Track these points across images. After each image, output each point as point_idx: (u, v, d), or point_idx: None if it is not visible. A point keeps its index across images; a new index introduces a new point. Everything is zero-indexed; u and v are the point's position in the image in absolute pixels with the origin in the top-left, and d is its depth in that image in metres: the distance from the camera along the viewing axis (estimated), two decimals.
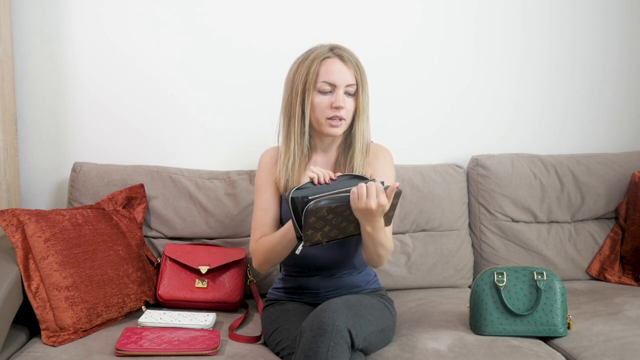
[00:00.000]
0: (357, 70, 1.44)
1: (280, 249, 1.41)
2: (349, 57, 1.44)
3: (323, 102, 1.42)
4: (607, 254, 2.01)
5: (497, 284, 1.48)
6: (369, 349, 1.31)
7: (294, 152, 1.46)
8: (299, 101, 1.44)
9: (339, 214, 1.25)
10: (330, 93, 1.43)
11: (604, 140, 2.24)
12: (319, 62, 1.43)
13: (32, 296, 1.44)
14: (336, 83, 1.41)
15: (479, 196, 2.01)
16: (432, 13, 2.09)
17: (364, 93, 1.45)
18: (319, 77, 1.42)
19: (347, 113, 1.44)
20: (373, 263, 1.41)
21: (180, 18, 1.96)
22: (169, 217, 1.84)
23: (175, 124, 2.00)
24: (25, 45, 1.90)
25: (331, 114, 1.42)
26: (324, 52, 1.44)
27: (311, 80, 1.42)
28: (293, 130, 1.46)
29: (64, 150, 1.95)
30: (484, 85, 2.15)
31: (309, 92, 1.43)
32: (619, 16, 2.20)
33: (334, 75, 1.41)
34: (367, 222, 1.27)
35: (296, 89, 1.44)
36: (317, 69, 1.42)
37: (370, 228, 1.28)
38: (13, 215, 1.50)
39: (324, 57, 1.43)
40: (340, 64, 1.43)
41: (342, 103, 1.41)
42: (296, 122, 1.45)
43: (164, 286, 1.69)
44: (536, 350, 1.39)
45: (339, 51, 1.45)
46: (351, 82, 1.43)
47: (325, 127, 1.44)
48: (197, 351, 1.35)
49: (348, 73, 1.42)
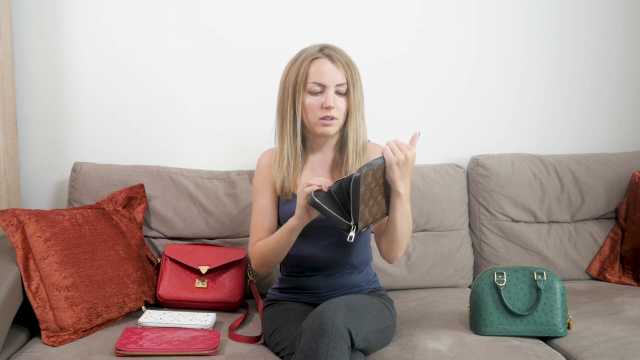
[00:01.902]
0: (347, 69, 1.43)
1: (275, 253, 1.42)
2: (338, 56, 1.44)
3: (314, 103, 1.42)
4: (607, 254, 2.01)
5: (497, 284, 1.48)
6: (369, 349, 1.31)
7: (288, 153, 1.47)
8: (290, 103, 1.44)
9: (377, 181, 1.27)
10: (321, 94, 1.42)
11: (604, 140, 2.24)
12: (307, 63, 1.43)
13: (32, 296, 1.44)
14: (325, 83, 1.41)
15: (479, 196, 2.01)
16: (432, 13, 2.09)
17: (356, 91, 1.45)
18: (309, 78, 1.42)
19: (339, 112, 1.44)
20: (396, 248, 1.40)
21: (180, 18, 1.96)
22: (169, 217, 1.84)
23: (175, 124, 2.00)
24: (25, 45, 1.90)
25: (322, 114, 1.42)
26: (313, 52, 1.44)
27: (301, 82, 1.42)
28: (286, 131, 1.47)
29: (64, 150, 1.95)
30: (484, 86, 2.15)
31: (299, 94, 1.43)
32: (619, 16, 2.19)
33: (323, 76, 1.41)
34: (401, 179, 1.28)
35: (287, 91, 1.45)
36: (306, 70, 1.42)
37: (403, 188, 1.30)
38: (13, 215, 1.50)
39: (313, 58, 1.43)
40: (330, 64, 1.42)
41: (332, 103, 1.41)
42: (288, 123, 1.46)
43: (164, 286, 1.69)
44: (536, 350, 1.39)
45: (328, 51, 1.44)
46: (341, 82, 1.42)
47: (317, 127, 1.44)
48: (197, 351, 1.35)
49: (337, 73, 1.42)
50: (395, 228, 1.36)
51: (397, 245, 1.40)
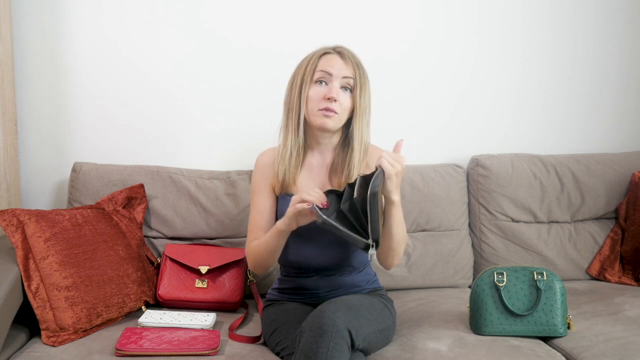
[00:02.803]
0: (357, 69, 1.45)
1: (267, 254, 1.44)
2: (350, 55, 1.46)
3: (318, 93, 1.43)
4: (607, 254, 2.01)
5: (497, 284, 1.48)
6: (369, 349, 1.31)
7: (291, 145, 1.48)
8: (296, 93, 1.46)
9: (378, 195, 1.27)
10: (326, 85, 1.44)
11: (604, 140, 2.24)
12: (318, 56, 1.46)
13: (32, 296, 1.44)
14: (332, 72, 1.43)
15: (479, 196, 2.01)
16: (432, 13, 2.09)
17: (364, 93, 1.45)
18: (317, 68, 1.45)
19: (341, 108, 1.43)
20: (392, 255, 1.41)
21: (180, 18, 1.96)
22: (169, 217, 1.84)
23: (175, 124, 2.00)
24: (25, 45, 1.90)
25: (323, 105, 1.42)
26: (325, 48, 1.48)
27: (309, 72, 1.45)
28: (290, 123, 1.48)
29: (64, 150, 1.95)
30: (484, 86, 2.15)
31: (306, 84, 1.45)
32: (619, 16, 2.19)
33: (331, 66, 1.44)
34: (396, 188, 1.29)
35: (295, 82, 1.47)
36: (316, 62, 1.45)
37: (398, 196, 1.31)
38: (13, 215, 1.50)
39: (324, 53, 1.47)
40: (339, 59, 1.45)
41: (335, 94, 1.41)
42: (293, 115, 1.47)
43: (164, 286, 1.69)
44: (536, 350, 1.39)
45: (340, 49, 1.48)
46: (348, 75, 1.43)
47: (317, 118, 1.43)
48: (197, 351, 1.35)
49: (345, 67, 1.44)
50: (391, 236, 1.37)
51: (393, 253, 1.41)
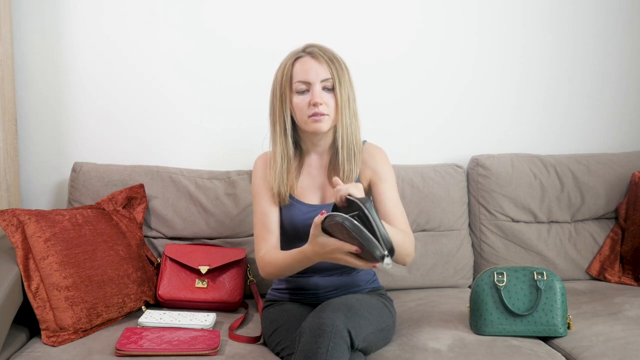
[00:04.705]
0: (332, 65, 1.43)
1: (289, 271, 1.38)
2: (321, 53, 1.44)
3: (302, 102, 1.42)
4: (607, 254, 2.01)
5: (497, 284, 1.48)
6: (368, 349, 1.31)
7: (281, 156, 1.47)
8: (279, 105, 1.45)
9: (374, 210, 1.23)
10: (307, 92, 1.42)
11: (604, 140, 2.24)
12: (291, 63, 1.44)
13: (32, 296, 1.44)
14: (310, 80, 1.41)
15: (479, 196, 2.01)
16: (432, 13, 2.09)
17: (343, 86, 1.43)
18: (293, 77, 1.43)
19: (329, 108, 1.43)
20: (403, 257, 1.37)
21: (180, 18, 1.97)
22: (169, 217, 1.84)
23: (175, 124, 2.00)
24: (25, 45, 1.90)
25: (311, 112, 1.41)
26: (296, 52, 1.46)
27: (286, 83, 1.43)
28: (277, 135, 1.47)
29: (64, 150, 1.95)
30: (484, 86, 2.15)
31: (286, 95, 1.44)
32: (619, 16, 2.19)
33: (306, 73, 1.42)
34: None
35: (275, 94, 1.46)
36: (290, 70, 1.43)
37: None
38: (13, 215, 1.50)
39: (296, 58, 1.45)
40: (312, 61, 1.42)
41: (318, 99, 1.40)
42: (279, 127, 1.46)
43: (164, 286, 1.69)
44: (536, 350, 1.39)
45: (311, 49, 1.45)
46: (326, 77, 1.42)
47: (309, 125, 1.43)
48: (197, 351, 1.35)
49: (320, 68, 1.42)
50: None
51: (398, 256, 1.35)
